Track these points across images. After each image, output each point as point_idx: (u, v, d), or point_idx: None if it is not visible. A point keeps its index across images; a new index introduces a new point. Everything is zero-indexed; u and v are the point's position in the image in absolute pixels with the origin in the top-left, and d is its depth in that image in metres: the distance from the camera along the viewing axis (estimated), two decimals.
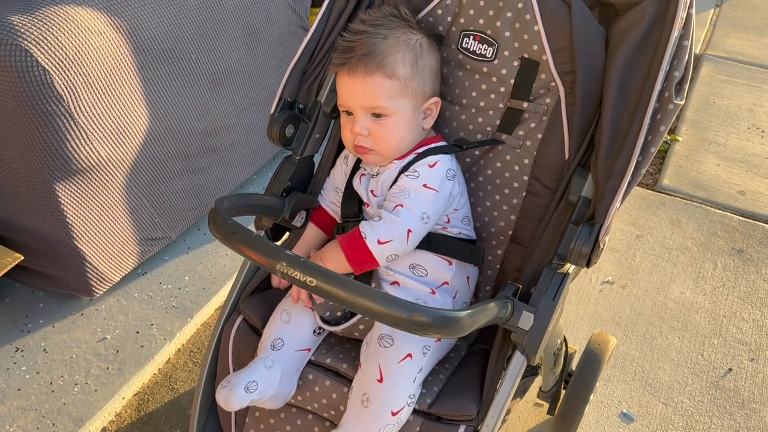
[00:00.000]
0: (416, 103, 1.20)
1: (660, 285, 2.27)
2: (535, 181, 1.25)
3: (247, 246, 0.95)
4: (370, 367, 1.12)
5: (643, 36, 1.07)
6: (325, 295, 0.90)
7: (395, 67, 1.16)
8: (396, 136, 1.20)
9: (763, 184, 2.76)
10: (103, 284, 2.04)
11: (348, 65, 1.17)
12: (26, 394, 1.85)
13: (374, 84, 1.16)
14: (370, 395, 1.10)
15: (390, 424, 1.08)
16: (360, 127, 1.19)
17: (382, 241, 1.12)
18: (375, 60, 1.15)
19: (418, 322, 0.88)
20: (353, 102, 1.20)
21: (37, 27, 1.59)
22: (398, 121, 1.19)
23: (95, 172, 1.84)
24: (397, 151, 1.22)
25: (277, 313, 1.23)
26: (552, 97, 1.20)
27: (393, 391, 1.09)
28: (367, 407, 1.09)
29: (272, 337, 1.19)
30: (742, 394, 1.93)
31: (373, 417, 1.08)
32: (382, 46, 1.16)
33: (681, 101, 1.04)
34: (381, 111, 1.18)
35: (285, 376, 1.16)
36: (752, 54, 3.79)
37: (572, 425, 1.67)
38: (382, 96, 1.17)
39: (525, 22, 1.18)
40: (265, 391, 1.12)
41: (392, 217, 1.13)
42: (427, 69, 1.21)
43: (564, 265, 1.11)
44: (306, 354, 1.21)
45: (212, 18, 2.04)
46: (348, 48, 1.17)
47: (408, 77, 1.17)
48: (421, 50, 1.19)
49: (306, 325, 1.22)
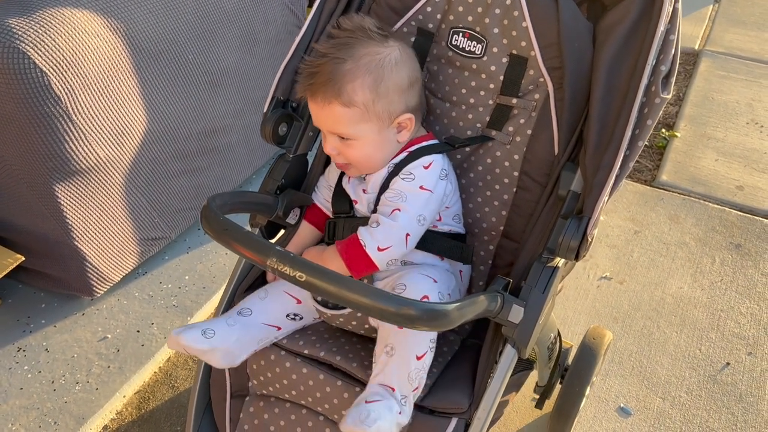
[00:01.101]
0: (382, 125, 1.19)
1: (658, 280, 2.28)
2: (526, 177, 1.26)
3: (239, 242, 0.97)
4: None
5: (630, 31, 1.08)
6: (314, 289, 0.91)
7: (352, 95, 1.14)
8: (365, 156, 1.21)
9: (761, 179, 2.76)
10: (103, 284, 2.06)
11: (310, 90, 1.18)
12: (28, 393, 1.87)
13: (333, 113, 1.16)
14: (393, 344, 1.10)
15: (417, 368, 1.09)
16: (330, 148, 1.22)
17: (382, 248, 1.13)
18: (333, 88, 1.14)
19: (407, 315, 0.89)
20: (319, 125, 1.23)
21: (35, 29, 1.61)
22: (364, 144, 1.19)
23: (94, 172, 1.86)
24: (371, 167, 1.23)
25: (256, 290, 1.26)
26: (541, 93, 1.21)
27: (415, 335, 1.10)
28: (393, 355, 1.09)
29: (242, 306, 1.23)
30: (740, 387, 1.93)
31: (401, 363, 1.09)
32: (340, 73, 1.14)
33: (668, 95, 1.05)
34: (345, 136, 1.19)
35: (241, 340, 1.17)
36: (751, 49, 3.79)
37: (569, 419, 1.68)
38: (342, 123, 1.17)
39: (513, 19, 1.19)
40: (218, 343, 1.14)
41: (390, 222, 1.15)
42: (393, 88, 1.17)
43: (553, 259, 1.12)
44: (274, 330, 1.22)
45: (209, 19, 2.06)
46: (309, 74, 1.17)
47: (368, 103, 1.15)
48: (382, 71, 1.16)
49: (279, 306, 1.24)
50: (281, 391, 1.23)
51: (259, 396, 1.26)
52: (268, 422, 1.24)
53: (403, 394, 1.08)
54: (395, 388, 1.08)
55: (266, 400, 1.25)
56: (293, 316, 1.25)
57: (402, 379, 1.08)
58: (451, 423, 1.11)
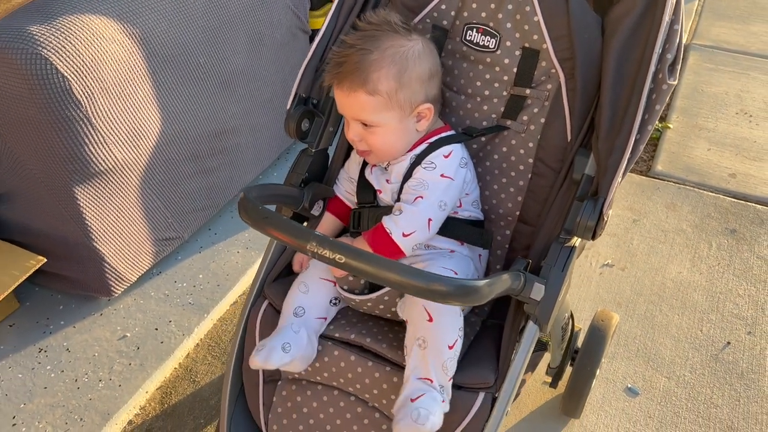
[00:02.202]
0: (403, 114, 1.25)
1: (658, 266, 2.35)
2: (540, 163, 1.33)
3: (280, 229, 1.02)
4: (417, 312, 1.17)
5: (636, 22, 1.15)
6: (353, 269, 0.97)
7: (377, 84, 1.20)
8: (386, 143, 1.27)
9: (752, 167, 2.85)
10: (121, 284, 2.10)
11: (337, 79, 1.24)
12: (53, 392, 1.91)
13: (358, 100, 1.22)
14: (425, 337, 1.15)
15: (450, 357, 1.15)
16: (353, 134, 1.28)
17: (407, 233, 1.19)
18: (359, 77, 1.20)
19: (440, 291, 0.95)
20: (344, 112, 1.29)
21: (56, 36, 1.66)
22: (386, 131, 1.26)
23: (112, 174, 1.91)
24: (391, 154, 1.30)
25: (295, 285, 1.31)
26: (553, 83, 1.28)
27: (445, 326, 1.15)
28: (426, 348, 1.15)
29: (293, 306, 1.27)
30: (741, 365, 2.01)
31: (434, 355, 1.14)
32: (367, 62, 1.20)
33: (674, 81, 1.12)
34: (368, 123, 1.25)
35: (310, 340, 1.24)
36: (737, 42, 3.89)
37: (581, 398, 1.74)
38: (367, 111, 1.23)
39: (525, 14, 1.26)
40: (296, 352, 1.20)
41: (413, 209, 1.21)
42: (415, 79, 1.24)
43: (571, 239, 1.18)
44: (323, 322, 1.28)
45: (218, 22, 2.12)
46: (337, 63, 1.23)
47: (391, 92, 1.22)
48: (406, 62, 1.22)
49: (323, 295, 1.30)
50: (312, 374, 1.28)
51: (290, 380, 1.32)
52: (300, 404, 1.29)
53: (440, 383, 1.14)
54: (433, 380, 1.13)
55: (298, 383, 1.31)
56: (334, 301, 1.31)
57: (438, 369, 1.14)
58: (478, 397, 1.17)
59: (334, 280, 1.31)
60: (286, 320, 1.25)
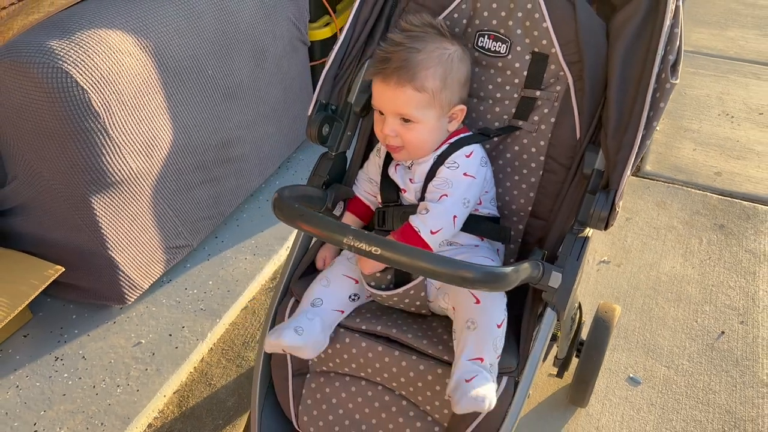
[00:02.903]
0: (441, 113, 1.33)
1: (652, 261, 2.45)
2: (551, 160, 1.41)
3: (316, 226, 1.09)
4: (462, 296, 1.23)
5: (639, 27, 1.24)
6: (388, 260, 1.04)
7: (425, 81, 1.28)
8: (421, 140, 1.34)
9: (737, 165, 2.97)
10: (134, 291, 2.15)
11: (383, 74, 1.30)
12: (72, 398, 1.94)
13: (405, 95, 1.29)
14: (473, 318, 1.21)
15: (498, 336, 1.20)
16: (389, 129, 1.34)
17: (434, 231, 1.26)
18: (408, 73, 1.27)
19: (469, 277, 1.02)
20: (385, 107, 1.34)
21: (75, 50, 1.72)
22: (424, 128, 1.33)
23: (126, 184, 1.96)
24: (422, 151, 1.36)
25: (317, 279, 1.37)
26: (561, 84, 1.37)
27: (492, 306, 1.21)
28: (475, 329, 1.20)
29: (312, 298, 1.33)
30: (736, 353, 2.10)
31: (484, 334, 1.19)
32: (415, 61, 1.28)
33: (676, 80, 1.21)
34: (409, 118, 1.32)
35: (324, 329, 1.29)
36: (716, 47, 4.03)
37: (588, 387, 1.82)
38: (411, 106, 1.30)
39: (534, 20, 1.34)
40: (308, 337, 1.25)
41: (439, 207, 1.28)
42: (455, 81, 1.32)
43: (584, 230, 1.26)
44: (339, 315, 1.34)
45: (225, 35, 2.18)
46: (384, 59, 1.30)
47: (436, 90, 1.30)
48: (451, 64, 1.31)
49: (343, 290, 1.36)
50: (341, 365, 1.35)
51: (318, 372, 1.38)
52: (329, 395, 1.35)
53: (491, 362, 1.19)
54: (484, 359, 1.18)
55: (326, 375, 1.37)
56: (353, 297, 1.37)
57: (488, 348, 1.19)
58: (502, 381, 1.24)
59: (357, 278, 1.38)
60: (303, 309, 1.32)
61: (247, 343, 2.17)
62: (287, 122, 2.72)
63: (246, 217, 2.64)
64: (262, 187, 2.79)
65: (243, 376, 2.06)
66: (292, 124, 2.77)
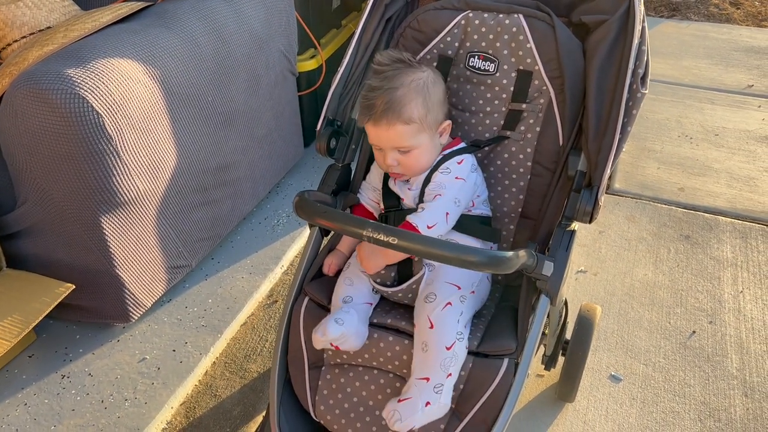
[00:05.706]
0: (432, 132, 1.49)
1: (626, 269, 2.62)
2: (538, 165, 1.57)
3: (337, 221, 1.22)
4: (422, 321, 1.38)
5: (611, 45, 1.42)
6: (404, 249, 1.17)
7: (411, 113, 1.43)
8: (421, 161, 1.50)
9: (697, 181, 3.19)
10: (138, 309, 2.23)
11: (372, 119, 1.45)
12: (81, 413, 2.01)
13: (397, 131, 1.44)
14: (426, 341, 1.35)
15: (447, 357, 1.33)
16: (390, 160, 1.49)
17: (430, 226, 1.40)
18: (394, 113, 1.42)
19: (474, 261, 1.17)
20: (382, 145, 1.49)
21: (90, 77, 1.83)
22: (421, 151, 1.48)
23: (134, 205, 2.06)
24: (423, 168, 1.51)
25: (340, 281, 1.50)
26: (545, 98, 1.54)
27: (442, 330, 1.35)
28: (427, 350, 1.35)
29: (342, 296, 1.46)
30: (707, 350, 2.26)
31: (433, 355, 1.33)
32: (397, 99, 1.42)
33: (646, 90, 1.38)
34: (406, 148, 1.47)
35: (361, 320, 1.42)
36: (672, 75, 4.31)
37: (575, 383, 1.96)
38: (405, 138, 1.45)
39: (519, 42, 1.52)
40: (349, 327, 1.37)
41: (433, 204, 1.43)
42: (436, 102, 1.47)
43: (571, 224, 1.42)
44: (369, 307, 1.48)
45: (224, 64, 2.32)
46: (369, 106, 1.44)
47: (422, 117, 1.45)
48: (427, 90, 1.45)
49: (366, 285, 1.50)
50: (354, 357, 1.46)
51: (333, 365, 1.49)
52: (344, 385, 1.47)
53: (438, 381, 1.32)
54: (430, 378, 1.32)
55: (340, 367, 1.48)
56: (375, 291, 1.51)
57: (436, 369, 1.32)
58: (503, 363, 1.37)
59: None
60: (336, 307, 1.44)
61: (249, 356, 2.26)
62: (279, 148, 2.85)
63: (240, 239, 2.75)
64: (253, 211, 2.90)
65: (247, 387, 2.14)
66: (283, 150, 2.90)
